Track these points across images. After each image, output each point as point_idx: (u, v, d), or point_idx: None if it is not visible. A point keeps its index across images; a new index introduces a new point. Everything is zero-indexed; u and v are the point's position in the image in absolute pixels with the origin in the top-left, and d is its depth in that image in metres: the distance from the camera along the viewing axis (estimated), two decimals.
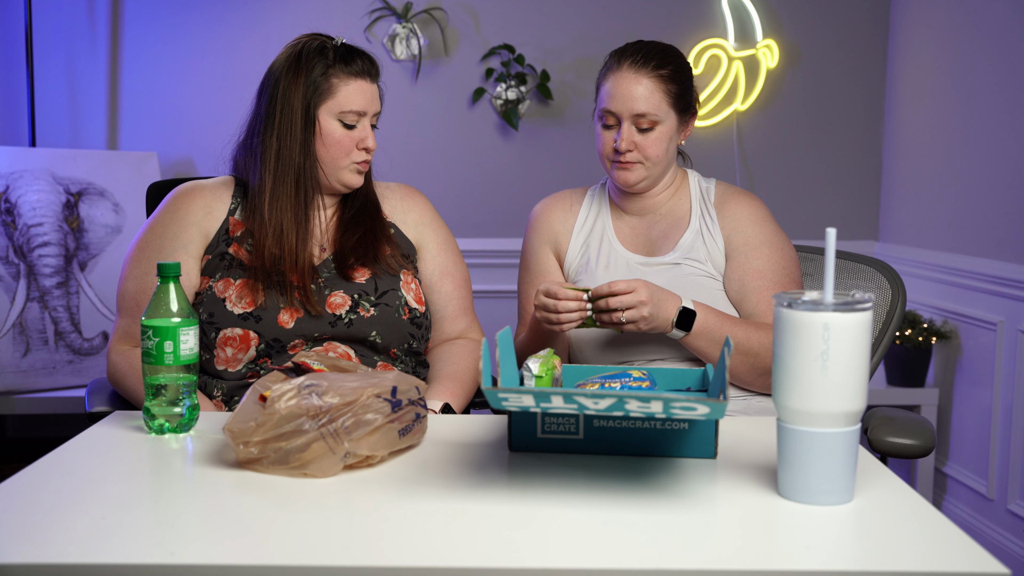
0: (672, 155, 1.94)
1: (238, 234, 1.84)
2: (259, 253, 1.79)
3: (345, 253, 1.85)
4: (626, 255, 1.95)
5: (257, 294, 1.77)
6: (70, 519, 1.15)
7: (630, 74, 1.88)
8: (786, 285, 1.89)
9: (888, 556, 1.08)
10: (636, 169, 1.90)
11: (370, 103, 1.82)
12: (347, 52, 1.82)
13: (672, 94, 1.89)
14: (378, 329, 1.81)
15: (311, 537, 1.11)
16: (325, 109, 1.80)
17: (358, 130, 1.82)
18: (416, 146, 3.49)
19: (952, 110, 3.17)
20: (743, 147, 3.58)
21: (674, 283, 1.88)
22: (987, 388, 2.96)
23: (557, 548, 1.10)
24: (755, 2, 3.50)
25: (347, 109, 1.80)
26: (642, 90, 1.86)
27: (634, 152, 1.88)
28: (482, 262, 3.44)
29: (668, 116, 1.89)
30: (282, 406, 1.29)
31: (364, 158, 1.84)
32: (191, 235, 1.82)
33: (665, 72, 1.88)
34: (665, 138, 1.89)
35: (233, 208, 1.86)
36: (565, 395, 1.18)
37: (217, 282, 1.79)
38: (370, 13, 3.43)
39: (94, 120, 3.41)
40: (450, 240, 1.99)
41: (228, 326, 1.76)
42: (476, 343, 1.94)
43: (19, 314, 3.01)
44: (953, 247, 3.14)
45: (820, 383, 1.17)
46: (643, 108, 1.86)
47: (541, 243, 2.04)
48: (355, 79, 1.81)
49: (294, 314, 1.77)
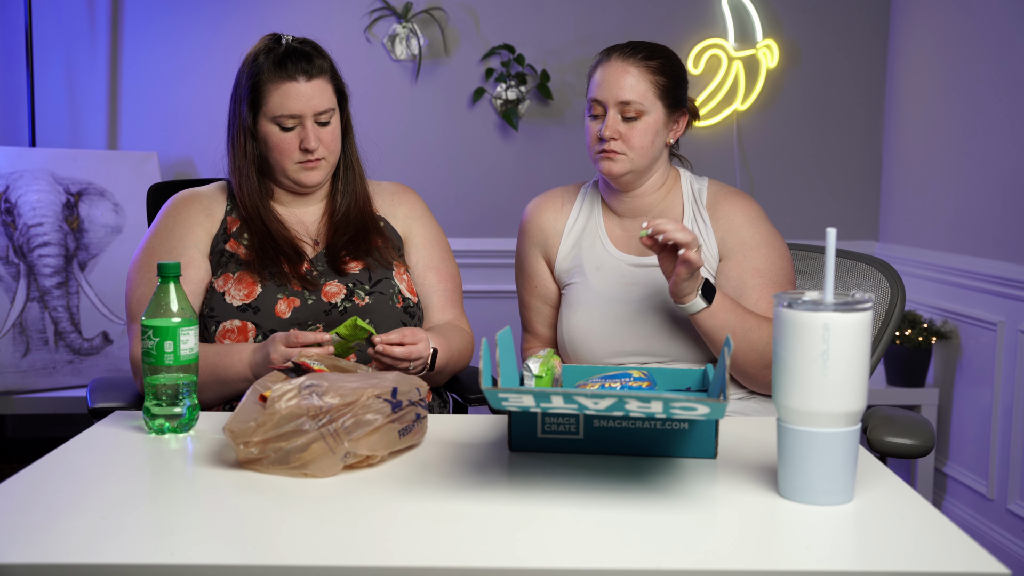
0: (658, 150, 1.92)
1: (234, 230, 1.88)
2: (252, 247, 1.84)
3: (337, 248, 1.88)
4: (618, 256, 1.95)
5: (254, 286, 1.81)
6: (70, 519, 1.15)
7: (618, 63, 1.89)
8: (784, 285, 1.89)
9: (888, 556, 1.08)
10: (620, 160, 1.88)
11: (305, 104, 1.82)
12: (284, 55, 1.83)
13: (659, 85, 1.88)
14: (373, 316, 1.84)
15: (311, 537, 1.11)
16: (262, 115, 1.84)
17: (297, 131, 1.83)
18: (416, 146, 3.49)
19: (952, 110, 3.17)
20: (743, 147, 3.58)
21: (666, 284, 1.88)
22: (987, 388, 2.96)
23: (557, 548, 1.10)
24: (755, 2, 3.50)
25: (278, 113, 1.82)
26: (629, 79, 1.87)
27: (618, 141, 1.87)
28: (482, 262, 3.44)
29: (654, 107, 1.88)
30: (282, 406, 1.29)
31: (306, 157, 1.84)
32: (198, 235, 1.87)
33: (653, 64, 1.89)
34: (651, 130, 1.88)
35: (229, 209, 1.91)
36: (565, 395, 1.18)
37: (217, 278, 1.83)
38: (370, 13, 3.43)
39: (94, 120, 3.41)
40: (439, 236, 2.01)
41: (227, 319, 1.79)
42: (464, 330, 1.95)
43: (19, 314, 3.01)
44: (953, 247, 3.14)
45: (820, 383, 1.17)
46: (628, 96, 1.86)
47: (531, 246, 2.04)
48: (284, 83, 1.82)
49: (291, 304, 1.81)
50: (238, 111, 1.87)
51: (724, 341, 1.35)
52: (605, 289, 1.92)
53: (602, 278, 1.93)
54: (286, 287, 1.82)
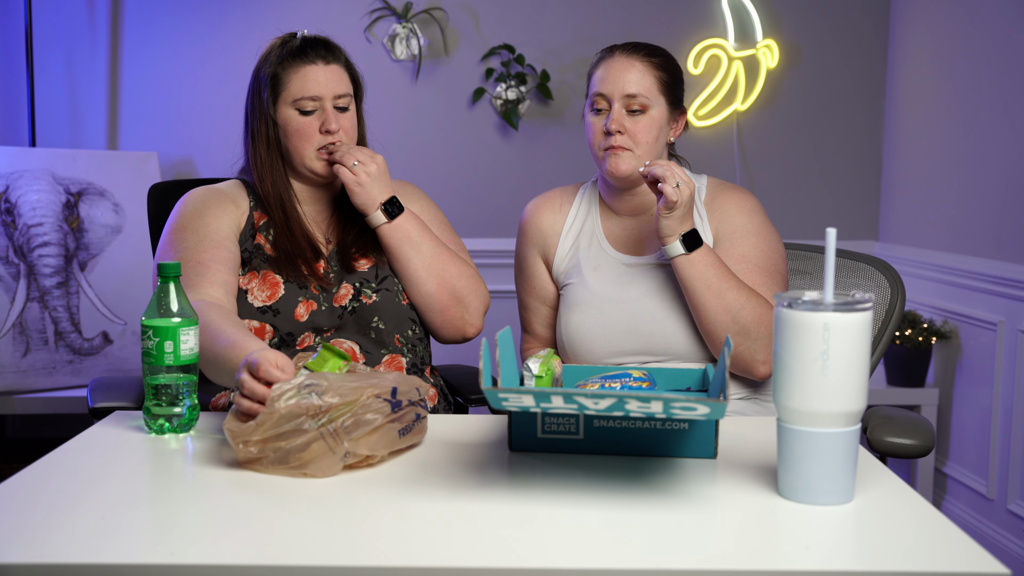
0: (661, 147, 1.92)
1: (262, 224, 1.88)
2: (276, 244, 1.84)
3: (347, 245, 1.88)
4: (615, 255, 1.94)
5: (278, 287, 1.81)
6: (70, 519, 1.15)
7: (622, 58, 1.89)
8: (771, 274, 1.88)
9: (888, 556, 1.08)
10: (626, 157, 1.87)
11: (324, 86, 1.82)
12: (302, 44, 1.84)
13: (662, 81, 1.89)
14: (380, 314, 1.84)
15: (311, 537, 1.11)
16: (282, 102, 1.83)
17: (317, 115, 1.83)
18: (416, 146, 3.49)
19: (952, 110, 3.17)
20: (743, 147, 3.58)
21: (664, 283, 1.88)
22: (987, 388, 2.96)
23: (557, 548, 1.10)
24: (755, 2, 3.50)
25: (299, 96, 1.82)
26: (635, 73, 1.87)
27: (624, 136, 1.87)
28: (482, 262, 3.43)
29: (658, 102, 1.89)
30: (282, 405, 1.29)
31: (327, 141, 1.83)
32: (229, 220, 1.84)
33: (656, 60, 1.90)
34: (655, 125, 1.89)
35: (253, 205, 1.89)
36: (565, 395, 1.18)
37: (243, 275, 1.82)
38: (370, 13, 3.43)
39: (94, 120, 3.41)
40: (445, 222, 2.02)
41: (246, 318, 1.78)
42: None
43: (19, 314, 3.01)
44: (953, 247, 3.14)
45: (820, 383, 1.17)
46: (634, 89, 1.87)
47: (529, 247, 2.04)
48: (304, 66, 1.82)
49: (309, 307, 1.80)
50: (257, 102, 1.85)
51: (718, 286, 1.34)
52: (603, 289, 1.91)
53: (600, 278, 1.93)
54: (306, 289, 1.81)
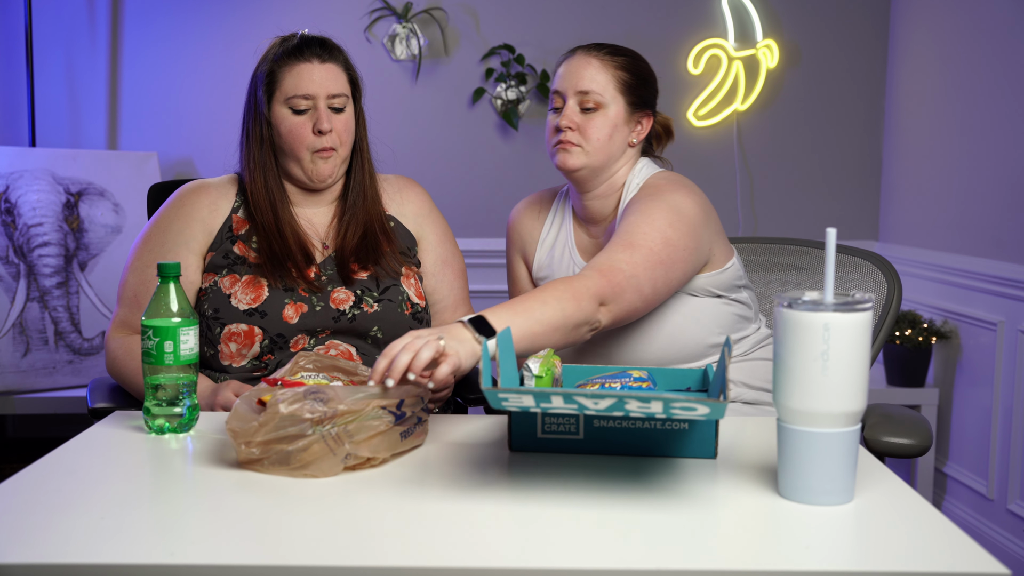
0: (617, 147, 1.88)
1: (242, 232, 1.86)
2: (261, 249, 1.82)
3: (346, 254, 1.86)
4: (583, 265, 1.92)
5: (262, 289, 1.79)
6: (70, 519, 1.15)
7: (581, 56, 1.89)
8: (629, 245, 1.71)
9: (888, 556, 1.08)
10: (576, 153, 1.85)
11: (318, 85, 1.81)
12: (300, 42, 1.84)
13: (621, 80, 1.86)
14: (380, 324, 1.83)
15: (311, 537, 1.11)
16: (275, 100, 1.83)
17: (310, 115, 1.82)
18: (416, 146, 3.49)
19: (952, 110, 3.17)
20: (743, 147, 3.58)
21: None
22: (987, 388, 2.96)
23: (557, 548, 1.10)
24: (755, 2, 3.50)
25: (292, 94, 1.81)
26: (590, 70, 1.86)
27: (575, 132, 1.85)
28: (482, 262, 3.44)
29: (615, 101, 1.86)
30: (284, 409, 1.29)
31: (321, 144, 1.81)
32: (194, 231, 1.85)
33: (618, 60, 1.88)
34: (608, 123, 1.86)
35: (236, 206, 1.88)
36: (565, 395, 1.18)
37: (223, 277, 1.81)
38: (370, 13, 3.43)
39: (94, 120, 3.41)
40: (448, 230, 2.01)
41: (233, 322, 1.78)
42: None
43: (19, 314, 3.01)
44: (953, 247, 3.14)
45: (820, 383, 1.17)
46: (587, 86, 1.85)
47: (514, 252, 2.06)
48: (298, 64, 1.82)
49: (298, 309, 1.79)
50: (253, 100, 1.85)
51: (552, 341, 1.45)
52: None
53: None
54: (293, 291, 1.80)
